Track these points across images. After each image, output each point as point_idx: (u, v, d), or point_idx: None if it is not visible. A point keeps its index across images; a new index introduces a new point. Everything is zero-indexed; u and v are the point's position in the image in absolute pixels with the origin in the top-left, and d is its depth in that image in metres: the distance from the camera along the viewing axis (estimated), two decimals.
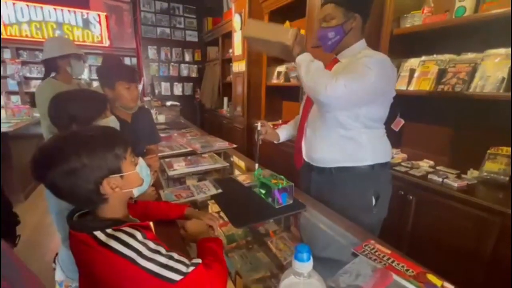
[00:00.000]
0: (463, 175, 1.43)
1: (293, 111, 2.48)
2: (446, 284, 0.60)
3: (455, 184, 1.31)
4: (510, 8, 1.13)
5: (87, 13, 4.88)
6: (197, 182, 1.32)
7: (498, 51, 1.26)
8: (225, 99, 4.31)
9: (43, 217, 2.49)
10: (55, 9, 4.62)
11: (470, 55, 1.38)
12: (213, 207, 1.12)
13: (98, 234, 0.55)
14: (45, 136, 1.65)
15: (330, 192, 1.14)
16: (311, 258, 0.36)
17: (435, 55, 1.51)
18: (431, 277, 0.62)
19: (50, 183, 0.56)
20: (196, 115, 5.27)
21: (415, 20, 1.56)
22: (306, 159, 1.21)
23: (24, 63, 4.57)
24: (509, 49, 1.22)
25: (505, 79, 1.19)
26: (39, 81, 4.71)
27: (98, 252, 0.54)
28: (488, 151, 1.37)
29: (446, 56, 1.47)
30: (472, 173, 1.43)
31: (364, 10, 1.07)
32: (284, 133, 1.42)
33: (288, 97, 3.02)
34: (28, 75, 4.62)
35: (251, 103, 3.13)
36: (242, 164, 1.71)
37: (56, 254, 1.16)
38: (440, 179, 1.37)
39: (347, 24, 1.03)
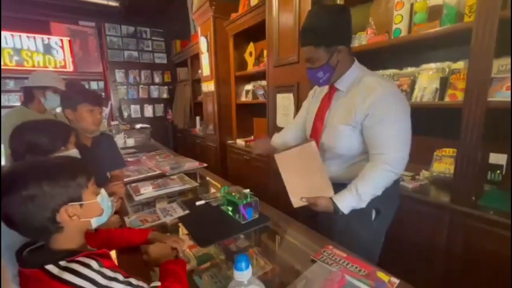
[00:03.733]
0: (416, 177, 1.56)
1: (264, 126, 2.57)
2: (392, 279, 0.66)
3: (410, 186, 1.42)
4: (434, 30, 1.31)
5: (49, 38, 4.74)
6: (166, 204, 1.31)
7: (430, 66, 1.44)
8: (197, 119, 4.32)
9: None
10: (12, 35, 4.44)
11: (409, 69, 1.56)
12: (184, 229, 1.11)
13: (51, 267, 0.53)
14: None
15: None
16: (250, 266, 0.40)
17: (381, 70, 1.68)
18: (380, 274, 0.67)
19: (4, 210, 0.53)
20: (169, 136, 5.20)
21: (361, 40, 1.73)
22: None
23: None
24: (438, 63, 1.40)
25: (438, 90, 1.36)
26: None
27: (51, 287, 0.53)
28: (435, 153, 1.52)
29: (391, 71, 1.65)
30: (424, 174, 1.57)
31: (346, 38, 1.01)
32: (279, 142, 1.36)
33: (258, 114, 3.11)
34: None
35: (222, 121, 3.18)
36: (214, 183, 1.72)
37: None
38: None
39: (333, 59, 0.98)
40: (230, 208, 1.11)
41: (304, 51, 1.00)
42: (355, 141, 1.00)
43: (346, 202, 0.94)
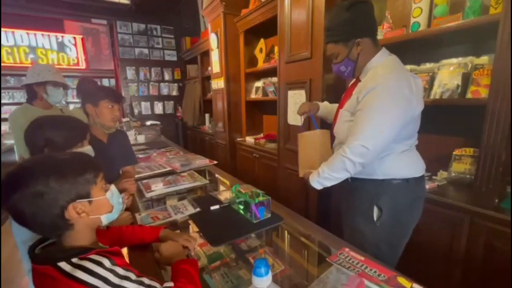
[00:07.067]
0: (434, 177, 1.50)
1: (274, 124, 2.53)
2: (415, 285, 0.62)
3: (427, 186, 1.37)
4: (457, 23, 1.25)
5: (62, 36, 4.82)
6: (176, 202, 1.30)
7: (451, 61, 1.37)
8: (207, 116, 4.32)
9: (14, 250, 2.32)
10: (27, 33, 4.54)
11: (428, 65, 1.49)
12: (194, 227, 1.10)
13: (63, 265, 0.53)
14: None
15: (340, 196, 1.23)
16: (270, 272, 0.37)
17: None
18: (401, 280, 0.64)
19: (13, 206, 0.53)
20: (178, 133, 5.23)
21: (377, 35, 1.67)
22: None
23: None
24: (460, 58, 1.34)
25: (459, 86, 1.30)
26: (10, 107, 4.54)
27: (63, 284, 0.52)
28: (454, 153, 1.46)
29: (408, 67, 1.58)
30: (442, 174, 1.50)
31: (364, 30, 1.01)
32: (323, 110, 1.39)
33: (268, 111, 3.09)
34: None
35: (232, 118, 3.16)
36: (224, 180, 1.70)
37: None
38: None
39: (352, 53, 1.02)
40: (241, 207, 1.09)
41: (327, 48, 1.09)
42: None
43: (313, 175, 1.07)
